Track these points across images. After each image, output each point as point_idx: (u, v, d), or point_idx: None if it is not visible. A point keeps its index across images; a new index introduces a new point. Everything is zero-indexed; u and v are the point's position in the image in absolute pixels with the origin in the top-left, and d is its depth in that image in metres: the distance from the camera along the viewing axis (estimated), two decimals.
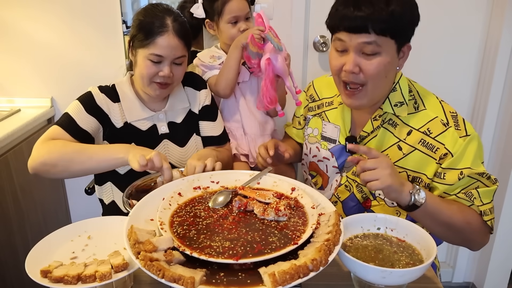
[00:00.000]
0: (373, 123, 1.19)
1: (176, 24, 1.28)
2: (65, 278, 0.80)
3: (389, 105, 1.16)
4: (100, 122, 1.31)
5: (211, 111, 1.49)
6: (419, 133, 1.15)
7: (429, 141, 1.14)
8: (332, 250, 0.78)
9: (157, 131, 1.39)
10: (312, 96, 1.40)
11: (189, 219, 0.93)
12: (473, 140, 1.12)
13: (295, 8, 1.82)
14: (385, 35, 1.04)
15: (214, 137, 1.48)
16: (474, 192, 1.11)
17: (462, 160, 1.11)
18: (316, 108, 1.37)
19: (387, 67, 1.09)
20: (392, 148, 1.18)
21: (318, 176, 1.38)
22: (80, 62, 1.94)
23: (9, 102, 1.99)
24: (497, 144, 2.00)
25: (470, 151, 1.12)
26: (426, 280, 0.96)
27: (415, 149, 1.15)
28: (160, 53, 1.26)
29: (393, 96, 1.17)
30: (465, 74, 1.97)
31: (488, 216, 1.11)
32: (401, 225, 0.94)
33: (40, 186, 1.94)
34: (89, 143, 1.27)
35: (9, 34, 1.90)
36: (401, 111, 1.16)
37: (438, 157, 1.13)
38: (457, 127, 1.13)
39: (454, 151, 1.11)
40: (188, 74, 1.49)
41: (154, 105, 1.40)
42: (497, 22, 1.83)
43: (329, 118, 1.32)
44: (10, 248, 1.72)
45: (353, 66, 1.07)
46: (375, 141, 1.20)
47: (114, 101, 1.34)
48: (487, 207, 1.11)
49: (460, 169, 1.11)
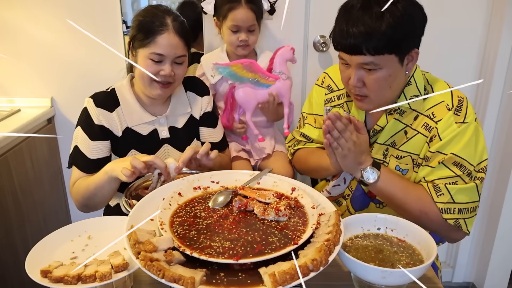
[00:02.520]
0: (388, 118, 1.20)
1: (176, 23, 1.28)
2: (65, 278, 0.80)
3: (404, 99, 1.16)
4: (105, 139, 1.33)
5: (212, 117, 1.49)
6: (424, 117, 1.15)
7: (431, 124, 1.14)
8: (332, 250, 0.78)
9: (158, 135, 1.39)
10: (330, 86, 1.34)
11: (189, 219, 0.93)
12: (469, 128, 1.10)
13: (295, 8, 1.82)
14: (381, 54, 1.05)
15: (213, 143, 1.48)
16: (443, 188, 1.10)
17: (449, 145, 1.10)
18: (336, 99, 1.33)
19: (389, 79, 1.10)
20: (399, 133, 1.19)
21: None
22: (80, 62, 1.94)
23: (9, 102, 1.99)
24: (497, 144, 2.00)
25: (461, 138, 1.10)
26: (426, 280, 0.96)
27: (418, 132, 1.16)
28: (161, 52, 1.26)
29: (408, 90, 1.17)
30: (465, 74, 1.97)
31: (450, 215, 1.10)
32: (401, 225, 0.94)
33: (40, 186, 1.93)
34: (105, 163, 1.26)
35: (10, 34, 1.90)
36: (417, 104, 1.16)
37: (429, 139, 1.14)
38: (457, 111, 1.12)
39: (443, 136, 1.11)
40: (191, 79, 1.50)
41: (155, 109, 1.39)
42: (497, 22, 1.83)
43: (350, 110, 1.30)
44: (10, 248, 1.72)
45: (356, 82, 1.11)
46: (385, 131, 1.20)
47: (111, 110, 1.33)
48: (454, 206, 1.10)
49: (444, 154, 1.10)
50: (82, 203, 1.29)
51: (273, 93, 1.45)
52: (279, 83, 1.45)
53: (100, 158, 1.31)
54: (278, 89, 1.46)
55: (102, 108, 1.32)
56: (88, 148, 1.31)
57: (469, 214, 1.12)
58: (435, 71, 1.93)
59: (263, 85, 1.40)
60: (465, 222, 1.11)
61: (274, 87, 1.45)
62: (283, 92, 1.47)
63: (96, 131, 1.31)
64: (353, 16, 1.04)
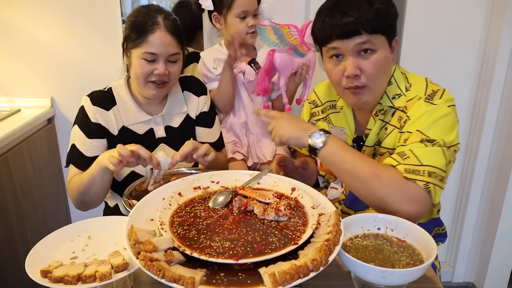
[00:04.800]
0: (375, 119, 1.21)
1: (168, 21, 1.28)
2: (65, 278, 0.80)
3: (387, 99, 1.18)
4: (102, 137, 1.33)
5: (208, 117, 1.49)
6: (399, 111, 1.16)
7: (403, 116, 1.15)
8: (332, 250, 0.78)
9: (154, 135, 1.39)
10: (315, 101, 1.41)
11: (189, 219, 0.93)
12: (438, 110, 1.08)
13: (295, 8, 1.82)
14: (376, 33, 1.08)
15: (210, 143, 1.48)
16: (407, 152, 1.04)
17: (415, 123, 1.09)
18: (320, 113, 1.38)
19: (385, 62, 1.11)
20: (381, 131, 1.20)
21: (327, 175, 1.40)
22: (80, 62, 1.94)
23: (9, 102, 2.00)
24: (497, 143, 2.00)
25: (428, 117, 1.08)
26: (426, 280, 0.96)
27: (395, 127, 1.17)
28: (154, 51, 1.26)
29: (390, 90, 1.18)
30: (465, 74, 1.97)
31: (419, 176, 1.01)
32: (401, 225, 0.94)
33: (40, 186, 1.94)
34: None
35: (10, 35, 1.90)
36: (400, 102, 1.17)
37: (400, 128, 1.14)
38: (428, 100, 1.12)
39: (410, 114, 1.11)
40: (189, 78, 1.49)
41: (151, 108, 1.39)
42: (497, 22, 1.83)
43: (334, 121, 1.33)
44: (10, 248, 1.72)
45: (354, 69, 1.09)
46: (372, 132, 1.22)
47: (107, 109, 1.33)
48: (423, 168, 1.01)
49: (409, 132, 1.09)
50: (78, 199, 1.28)
51: (306, 63, 1.43)
52: (310, 54, 1.43)
53: (96, 156, 1.30)
54: (309, 60, 1.44)
55: (98, 107, 1.32)
56: (85, 146, 1.31)
57: (438, 181, 1.03)
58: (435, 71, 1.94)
59: (299, 53, 1.39)
60: (435, 189, 1.02)
61: (307, 57, 1.43)
62: (312, 64, 1.45)
63: (92, 129, 1.31)
64: (341, 5, 1.08)
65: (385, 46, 1.11)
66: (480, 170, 2.05)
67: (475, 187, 2.09)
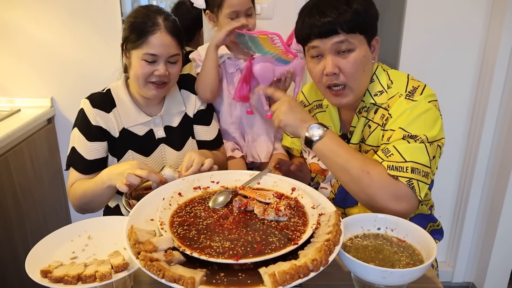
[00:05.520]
0: (358, 116, 1.23)
1: (168, 22, 1.28)
2: (65, 278, 0.80)
3: (369, 96, 1.19)
4: (103, 140, 1.33)
5: (206, 115, 1.49)
6: (382, 109, 1.18)
7: (385, 114, 1.16)
8: (332, 250, 0.78)
9: (154, 135, 1.39)
10: (303, 102, 1.43)
11: (189, 219, 0.93)
12: (418, 107, 1.10)
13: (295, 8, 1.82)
14: (354, 32, 1.10)
15: (208, 141, 1.48)
16: (391, 149, 1.06)
17: (397, 120, 1.10)
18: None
19: (363, 61, 1.13)
20: (365, 128, 1.21)
21: (317, 176, 1.39)
22: (80, 62, 1.94)
23: (9, 102, 1.99)
24: (497, 143, 2.00)
25: (409, 114, 1.09)
26: (426, 280, 0.96)
27: (378, 125, 1.18)
28: (154, 52, 1.26)
29: (372, 87, 1.20)
30: (465, 74, 1.97)
31: (402, 173, 1.02)
32: (401, 225, 0.94)
33: (40, 186, 1.94)
34: (103, 164, 1.33)
35: (10, 35, 1.90)
36: (382, 99, 1.18)
37: (383, 126, 1.15)
38: (409, 96, 1.13)
39: (392, 112, 1.13)
40: (185, 76, 1.49)
41: (150, 109, 1.39)
42: (497, 22, 1.83)
43: (320, 120, 1.34)
44: (10, 248, 1.72)
45: (332, 68, 1.12)
46: (357, 129, 1.23)
47: (108, 111, 1.33)
48: (406, 165, 1.02)
49: (392, 130, 1.10)
50: (79, 207, 1.29)
51: (290, 70, 1.41)
52: (296, 61, 1.41)
53: (97, 159, 1.31)
54: (294, 67, 1.41)
55: (99, 109, 1.32)
56: (85, 149, 1.30)
57: (421, 177, 1.04)
58: (435, 71, 1.95)
59: (282, 60, 1.37)
60: (418, 185, 1.03)
61: (292, 64, 1.41)
62: (298, 70, 1.43)
63: (93, 131, 1.31)
64: (321, 6, 1.11)
65: (363, 45, 1.13)
66: (480, 170, 2.05)
67: (475, 187, 2.09)
